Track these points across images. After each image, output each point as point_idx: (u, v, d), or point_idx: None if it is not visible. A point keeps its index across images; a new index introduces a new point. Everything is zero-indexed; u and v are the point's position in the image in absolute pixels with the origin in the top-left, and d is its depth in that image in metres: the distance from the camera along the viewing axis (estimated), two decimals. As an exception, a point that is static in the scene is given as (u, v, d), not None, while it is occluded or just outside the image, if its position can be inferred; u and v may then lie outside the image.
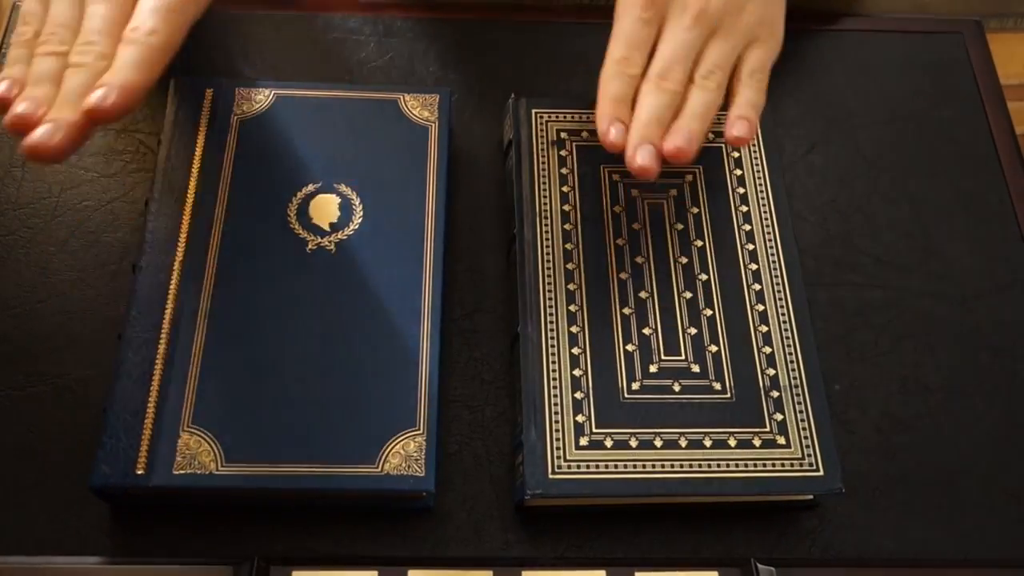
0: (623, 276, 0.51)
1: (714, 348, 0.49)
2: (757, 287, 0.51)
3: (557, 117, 0.56)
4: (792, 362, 0.49)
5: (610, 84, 0.49)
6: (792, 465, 0.47)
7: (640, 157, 0.47)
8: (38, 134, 0.42)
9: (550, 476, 0.45)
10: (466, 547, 0.47)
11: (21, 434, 0.48)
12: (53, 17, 0.47)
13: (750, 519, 0.49)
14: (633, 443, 0.46)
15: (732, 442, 0.47)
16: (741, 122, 0.49)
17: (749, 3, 0.51)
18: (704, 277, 0.52)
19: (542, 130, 0.56)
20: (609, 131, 0.48)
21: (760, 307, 0.51)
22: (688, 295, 0.51)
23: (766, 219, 0.54)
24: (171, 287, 0.49)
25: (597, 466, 0.46)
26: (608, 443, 0.46)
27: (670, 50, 0.50)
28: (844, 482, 0.46)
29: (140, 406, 0.46)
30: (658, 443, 0.47)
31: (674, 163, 0.48)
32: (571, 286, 0.51)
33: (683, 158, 0.47)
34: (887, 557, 0.48)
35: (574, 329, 0.49)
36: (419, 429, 0.46)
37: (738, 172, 0.55)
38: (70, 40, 0.47)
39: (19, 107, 0.43)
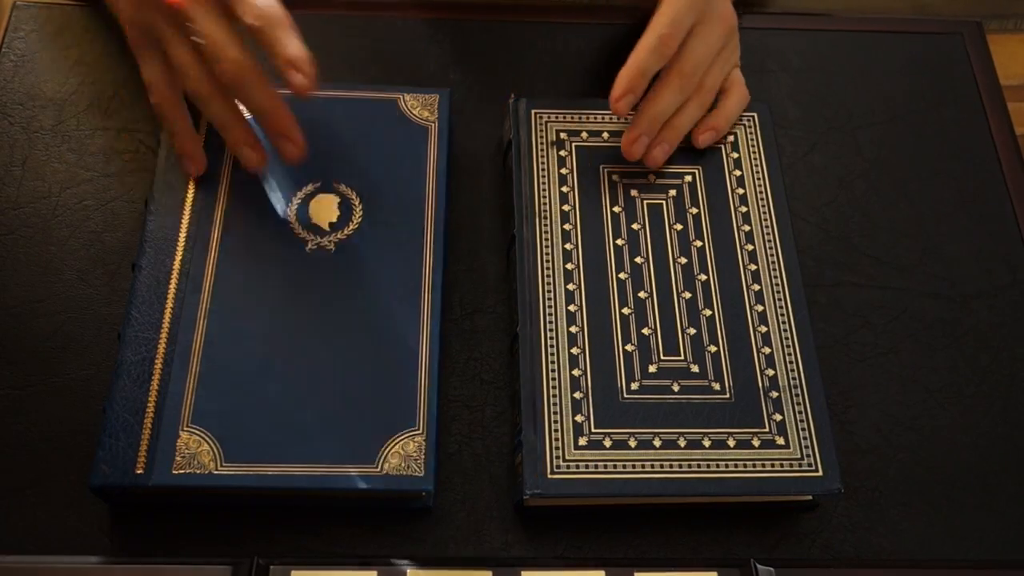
0: (622, 276, 0.51)
1: (713, 348, 0.49)
2: (756, 287, 0.51)
3: (556, 117, 0.56)
4: (791, 362, 0.49)
5: (648, 57, 0.51)
6: (791, 465, 0.46)
7: (637, 147, 0.53)
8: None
9: (549, 476, 0.45)
10: (466, 547, 0.47)
11: (21, 434, 0.48)
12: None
13: (750, 519, 0.49)
14: (632, 443, 0.46)
15: (731, 442, 0.47)
16: (709, 133, 0.55)
17: (733, 37, 0.57)
18: (703, 277, 0.51)
19: (542, 130, 0.56)
20: (621, 100, 0.51)
21: (759, 307, 0.51)
22: (687, 295, 0.51)
23: (766, 220, 0.54)
24: (171, 287, 0.49)
25: (596, 466, 0.46)
26: (607, 443, 0.46)
27: (703, 48, 0.53)
28: (844, 482, 0.46)
29: (139, 406, 0.46)
30: (657, 443, 0.47)
31: (647, 165, 0.54)
32: (570, 286, 0.51)
33: (656, 166, 0.54)
34: (887, 557, 0.48)
35: (573, 329, 0.49)
36: (419, 429, 0.46)
37: (737, 173, 0.55)
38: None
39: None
